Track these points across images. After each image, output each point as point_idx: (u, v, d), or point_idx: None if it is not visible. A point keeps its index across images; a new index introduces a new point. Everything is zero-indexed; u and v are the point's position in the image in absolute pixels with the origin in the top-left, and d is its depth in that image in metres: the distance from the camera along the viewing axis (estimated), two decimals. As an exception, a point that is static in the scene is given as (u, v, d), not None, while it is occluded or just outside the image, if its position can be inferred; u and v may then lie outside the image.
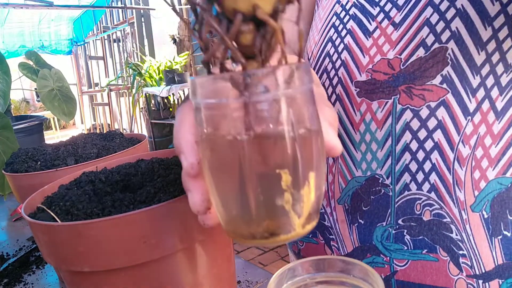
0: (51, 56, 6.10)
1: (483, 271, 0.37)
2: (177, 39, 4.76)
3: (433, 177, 0.37)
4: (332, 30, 0.45)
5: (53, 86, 1.59)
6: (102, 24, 6.03)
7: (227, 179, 0.22)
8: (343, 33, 0.43)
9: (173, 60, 4.51)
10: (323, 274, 0.29)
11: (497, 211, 0.37)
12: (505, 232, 0.37)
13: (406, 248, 0.40)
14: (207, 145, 0.22)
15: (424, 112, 0.37)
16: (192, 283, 0.37)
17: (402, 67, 0.38)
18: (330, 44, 0.44)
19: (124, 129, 5.88)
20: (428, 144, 0.37)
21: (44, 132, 1.50)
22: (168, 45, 4.98)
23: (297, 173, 0.21)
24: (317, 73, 0.46)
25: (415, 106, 0.38)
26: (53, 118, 6.67)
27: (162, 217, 0.32)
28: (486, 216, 0.37)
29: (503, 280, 0.37)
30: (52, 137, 6.45)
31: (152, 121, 4.51)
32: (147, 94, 4.44)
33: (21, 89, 2.31)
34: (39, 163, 0.58)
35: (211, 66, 0.21)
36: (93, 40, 6.47)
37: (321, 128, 0.23)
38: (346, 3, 0.44)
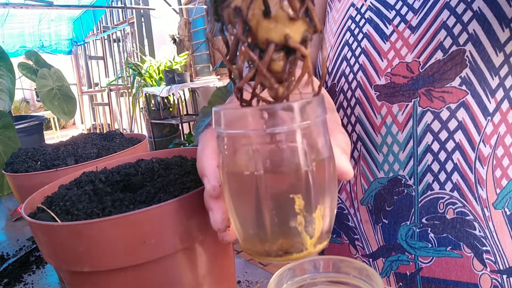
0: (51, 56, 6.10)
1: (507, 266, 0.38)
2: (177, 39, 4.76)
3: (455, 176, 0.39)
4: (348, 33, 0.45)
5: (52, 85, 1.59)
6: (102, 24, 6.03)
7: (245, 202, 0.24)
8: (359, 37, 0.44)
9: (173, 60, 4.51)
10: (323, 274, 0.29)
11: None
12: None
13: (430, 245, 0.41)
14: (227, 171, 0.24)
15: (445, 114, 0.38)
16: (192, 283, 0.37)
17: (421, 70, 0.39)
18: (346, 48, 0.45)
19: (124, 129, 5.88)
20: (450, 145, 0.38)
21: (44, 132, 1.50)
22: (168, 45, 4.98)
23: (309, 198, 0.23)
24: (334, 76, 0.47)
25: (435, 108, 0.39)
26: (53, 118, 6.67)
27: (162, 217, 0.32)
28: (508, 213, 0.38)
29: None
30: (52, 137, 6.45)
31: (152, 121, 4.51)
32: (147, 94, 4.44)
33: (21, 89, 2.31)
34: (39, 163, 0.58)
35: (243, 93, 0.23)
36: (93, 40, 6.47)
37: (333, 155, 0.25)
38: (361, 7, 0.44)
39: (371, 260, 0.45)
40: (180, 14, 4.86)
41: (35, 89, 1.64)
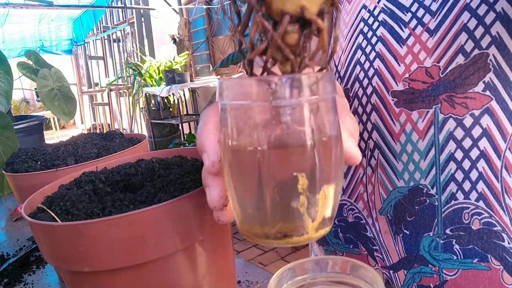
0: (51, 56, 6.10)
1: None
2: (177, 39, 4.76)
3: (481, 185, 0.37)
4: (361, 37, 0.43)
5: (53, 85, 1.59)
6: (102, 24, 6.03)
7: (245, 179, 0.23)
8: (373, 40, 0.42)
9: (173, 60, 4.51)
10: (323, 274, 0.29)
11: None
12: None
13: (455, 257, 0.39)
14: (228, 146, 0.23)
15: (468, 121, 0.37)
16: (192, 283, 0.37)
17: (441, 75, 0.37)
18: (360, 52, 0.43)
19: (124, 129, 5.88)
20: (474, 153, 0.37)
21: (44, 132, 1.50)
22: (168, 45, 4.98)
23: (314, 178, 0.22)
24: (347, 81, 0.45)
25: (458, 115, 0.37)
26: (53, 118, 6.67)
27: (162, 217, 0.32)
28: None
29: None
30: (52, 137, 6.44)
31: (152, 121, 4.51)
32: (147, 94, 4.44)
33: (21, 89, 2.31)
34: (39, 163, 0.58)
35: (253, 66, 0.22)
36: (93, 40, 6.47)
37: (341, 136, 0.23)
38: (374, 9, 0.42)
39: (391, 272, 0.43)
40: (180, 14, 4.86)
41: (35, 89, 1.64)
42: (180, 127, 4.35)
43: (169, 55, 4.74)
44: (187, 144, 3.52)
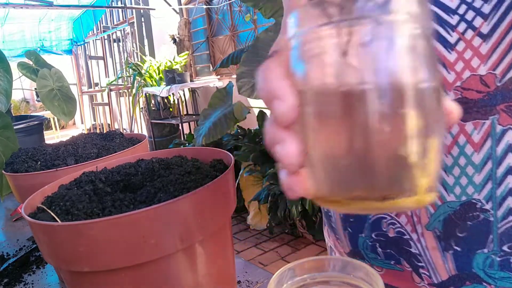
0: (51, 56, 6.10)
1: None
2: (177, 39, 4.76)
3: None
4: None
5: (53, 85, 1.59)
6: (102, 24, 6.03)
7: (333, 127, 0.19)
8: None
9: (173, 60, 4.51)
10: (323, 274, 0.29)
11: None
12: None
13: None
14: (311, 88, 0.19)
15: None
16: (192, 283, 0.37)
17: (498, 84, 0.35)
18: None
19: (124, 129, 5.88)
20: None
21: (44, 132, 1.50)
22: (168, 45, 4.98)
23: (424, 121, 0.18)
24: None
25: None
26: (53, 118, 6.67)
27: (162, 217, 0.32)
28: None
29: None
30: (52, 137, 6.44)
31: (152, 121, 4.51)
32: (147, 94, 4.44)
33: (21, 89, 2.31)
34: (39, 163, 0.58)
35: None
36: (93, 40, 6.47)
37: (440, 83, 0.20)
38: None
39: None
40: (180, 14, 4.86)
41: (35, 89, 1.64)
42: (180, 127, 4.34)
43: (169, 55, 4.74)
44: (187, 144, 3.52)
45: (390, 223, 0.43)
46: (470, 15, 0.36)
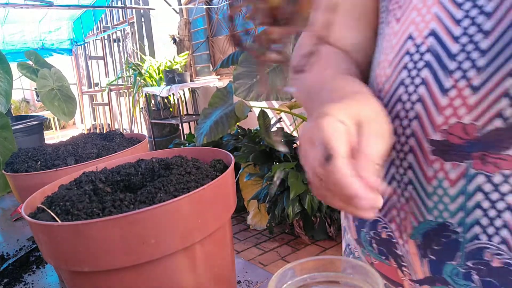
0: (51, 55, 6.10)
1: None
2: (177, 39, 4.76)
3: (504, 232, 0.39)
4: (405, 73, 0.43)
5: (53, 85, 1.59)
6: (102, 24, 6.04)
7: None
8: (416, 81, 0.42)
9: (173, 60, 4.51)
10: (323, 274, 0.29)
11: None
12: None
13: (474, 285, 0.41)
14: None
15: (498, 178, 0.38)
16: (192, 283, 0.37)
17: (477, 135, 0.38)
18: (402, 89, 0.43)
19: (124, 129, 5.88)
20: (500, 205, 0.39)
21: (44, 132, 1.50)
22: (168, 45, 4.98)
23: None
24: (389, 113, 0.45)
25: (488, 172, 0.38)
26: (53, 118, 6.67)
27: (162, 217, 0.32)
28: None
29: None
30: (52, 137, 6.44)
31: (152, 121, 4.50)
32: (147, 94, 4.44)
33: (21, 89, 2.31)
34: (39, 163, 0.58)
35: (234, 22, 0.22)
36: (93, 40, 6.47)
37: None
38: (421, 44, 0.41)
39: (418, 285, 0.47)
40: (180, 14, 4.86)
41: (35, 89, 1.64)
42: (180, 127, 4.34)
43: (169, 55, 4.74)
44: (187, 144, 3.52)
45: (383, 226, 0.49)
46: (466, 64, 0.38)
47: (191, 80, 4.41)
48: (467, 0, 0.38)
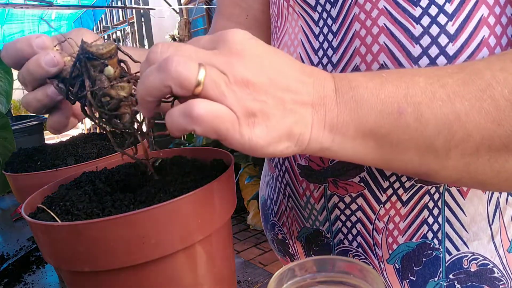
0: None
1: None
2: (177, 39, 4.76)
3: (360, 238, 0.49)
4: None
5: (53, 86, 1.59)
6: (102, 24, 6.04)
7: None
8: None
9: (173, 60, 4.51)
10: (323, 274, 0.29)
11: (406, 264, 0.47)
12: (412, 278, 0.47)
13: None
14: None
15: (347, 199, 0.48)
16: (192, 283, 0.37)
17: (330, 164, 0.48)
18: None
19: (124, 129, 5.87)
20: (352, 218, 0.49)
21: (44, 132, 1.50)
22: (168, 45, 4.98)
23: None
24: None
25: (340, 194, 0.49)
26: (53, 118, 6.65)
27: (162, 217, 0.32)
28: (398, 267, 0.48)
29: None
30: (52, 137, 6.44)
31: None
32: (147, 94, 4.44)
33: (21, 89, 2.31)
34: (39, 163, 0.58)
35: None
36: (93, 40, 6.47)
37: None
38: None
39: None
40: (180, 14, 4.86)
41: (35, 89, 1.63)
42: (180, 127, 4.34)
43: (169, 55, 4.73)
44: (187, 144, 3.52)
45: (278, 229, 0.60)
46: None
47: (191, 80, 4.40)
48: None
